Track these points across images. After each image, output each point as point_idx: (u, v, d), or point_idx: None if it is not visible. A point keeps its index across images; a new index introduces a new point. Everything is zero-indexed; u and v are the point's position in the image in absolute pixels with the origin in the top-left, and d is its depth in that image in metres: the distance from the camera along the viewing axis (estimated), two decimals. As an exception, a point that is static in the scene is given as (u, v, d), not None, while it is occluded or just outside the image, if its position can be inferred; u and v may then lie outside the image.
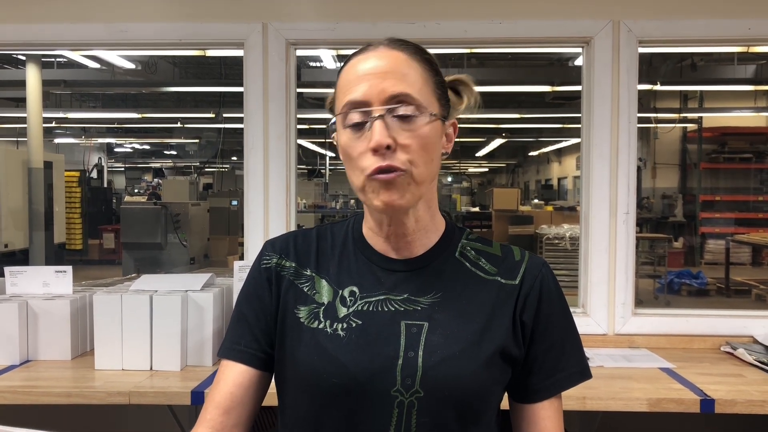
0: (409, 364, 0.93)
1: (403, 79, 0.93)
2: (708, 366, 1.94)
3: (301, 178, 14.26)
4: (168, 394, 1.65)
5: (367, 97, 0.93)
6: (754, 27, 2.16)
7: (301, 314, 1.01)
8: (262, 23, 2.24)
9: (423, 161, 0.95)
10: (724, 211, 10.48)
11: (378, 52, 0.96)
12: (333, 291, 1.02)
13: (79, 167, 11.23)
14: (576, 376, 1.04)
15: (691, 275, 7.59)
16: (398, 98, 0.92)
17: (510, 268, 1.04)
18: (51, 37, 2.28)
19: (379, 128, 0.91)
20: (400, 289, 1.00)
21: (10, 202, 6.29)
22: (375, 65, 0.94)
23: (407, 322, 0.97)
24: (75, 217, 8.42)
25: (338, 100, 0.98)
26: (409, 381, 0.93)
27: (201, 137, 14.06)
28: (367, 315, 0.98)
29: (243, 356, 1.02)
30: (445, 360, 0.94)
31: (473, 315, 0.98)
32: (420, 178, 0.95)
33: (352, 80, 0.95)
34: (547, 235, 7.38)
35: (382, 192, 0.93)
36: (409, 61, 0.96)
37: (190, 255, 6.76)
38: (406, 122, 0.93)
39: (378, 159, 0.92)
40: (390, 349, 0.95)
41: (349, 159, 0.96)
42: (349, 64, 0.98)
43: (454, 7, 2.21)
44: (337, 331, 0.97)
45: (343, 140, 0.96)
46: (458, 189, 17.20)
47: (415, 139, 0.93)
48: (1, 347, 1.86)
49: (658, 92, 9.64)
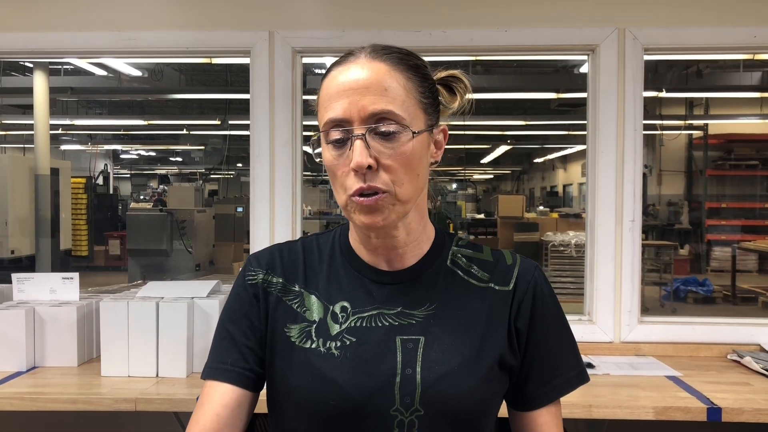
0: (407, 382, 0.91)
1: (384, 95, 0.89)
2: (715, 374, 1.93)
3: (307, 185, 14.27)
4: (174, 400, 1.66)
5: (346, 114, 0.89)
6: (759, 35, 2.16)
7: (291, 333, 0.97)
8: (268, 31, 2.25)
9: (407, 179, 0.91)
10: (730, 218, 10.44)
11: (359, 62, 0.92)
12: (323, 307, 0.98)
13: (86, 174, 11.27)
14: (574, 380, 1.02)
15: (697, 282, 7.57)
16: (379, 116, 0.89)
17: (503, 273, 1.01)
18: (59, 46, 2.30)
19: (359, 149, 0.88)
20: (393, 303, 0.96)
21: (17, 209, 6.31)
22: (355, 78, 0.90)
23: (402, 337, 0.94)
24: (81, 223, 8.45)
25: (319, 115, 0.94)
26: (408, 399, 0.90)
27: (207, 144, 14.09)
28: (361, 331, 0.94)
29: (230, 376, 0.97)
30: (444, 376, 0.91)
31: (469, 326, 0.96)
32: (404, 196, 0.91)
33: (333, 95, 0.91)
34: (553, 242, 7.36)
35: (364, 213, 0.90)
36: (391, 72, 0.91)
37: (196, 261, 6.78)
38: (388, 140, 0.89)
39: (359, 180, 0.89)
40: (387, 366, 0.92)
41: (332, 176, 0.93)
42: (330, 75, 0.94)
43: (460, 15, 2.21)
44: (330, 350, 0.93)
45: (326, 157, 0.93)
46: (463, 196, 17.17)
47: (398, 157, 0.90)
48: (8, 354, 1.87)
49: (664, 99, 9.64)
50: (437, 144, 0.99)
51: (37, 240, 6.37)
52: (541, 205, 14.88)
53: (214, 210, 7.88)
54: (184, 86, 9.27)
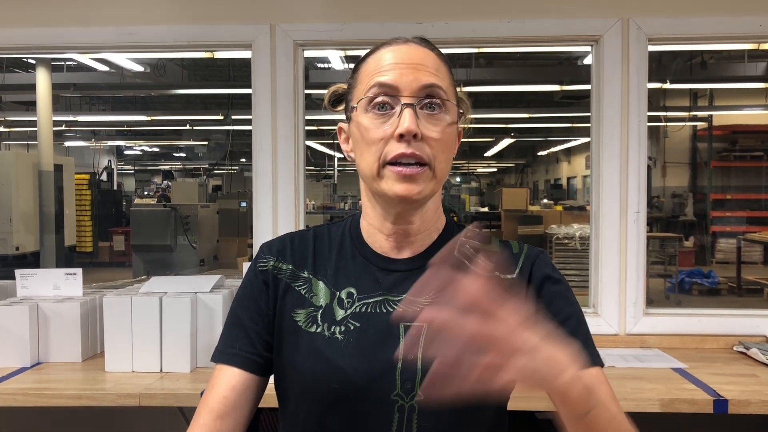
0: (408, 368, 0.91)
1: (437, 72, 0.94)
2: (721, 366, 1.92)
3: (310, 180, 14.27)
4: (178, 395, 1.66)
5: (398, 82, 0.92)
6: (765, 23, 2.14)
7: (298, 318, 0.99)
8: (269, 24, 2.24)
9: (444, 158, 0.95)
10: (735, 209, 10.41)
11: (410, 45, 0.96)
12: (330, 293, 1.00)
13: (89, 170, 11.27)
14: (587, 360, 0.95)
15: (702, 274, 7.55)
16: (430, 90, 0.93)
17: (508, 262, 1.03)
18: (61, 41, 2.29)
19: (409, 116, 0.91)
20: (399, 290, 0.98)
21: (21, 205, 6.31)
22: (408, 55, 0.94)
23: (406, 323, 0.94)
24: (85, 219, 8.44)
25: (362, 84, 0.96)
26: (409, 385, 0.91)
27: (210, 139, 14.10)
28: (365, 317, 0.96)
29: (237, 360, 0.99)
30: None
31: None
32: (440, 173, 0.95)
33: (383, 65, 0.94)
34: (557, 235, 7.35)
35: (401, 183, 0.92)
36: (438, 60, 0.96)
37: (200, 257, 6.78)
38: (434, 116, 0.93)
39: (403, 146, 0.91)
40: (389, 352, 0.92)
41: (365, 143, 0.94)
42: (377, 52, 0.97)
43: (463, 7, 2.20)
44: (335, 334, 0.95)
45: (364, 123, 0.94)
46: (467, 189, 17.14)
47: (441, 134, 0.93)
48: (12, 349, 1.87)
49: (668, 90, 9.57)
50: (458, 137, 1.03)
51: (42, 236, 6.38)
52: (545, 198, 14.85)
53: (218, 205, 7.86)
54: (186, 81, 9.25)
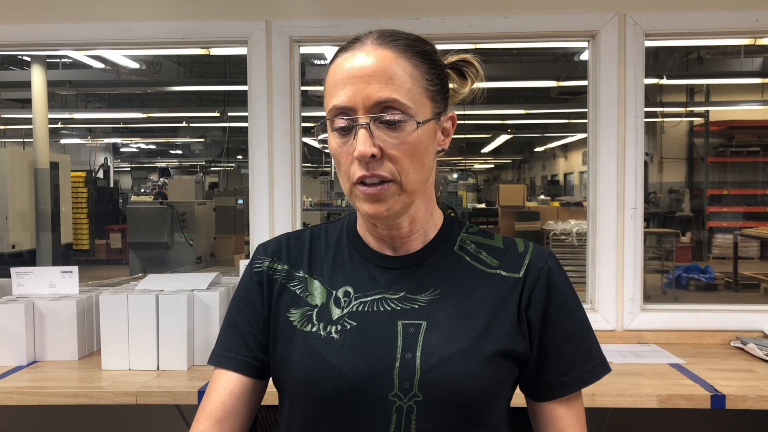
0: (406, 367, 0.89)
1: (390, 82, 0.88)
2: (718, 361, 1.92)
3: (307, 176, 14.25)
4: (175, 393, 1.65)
5: (351, 102, 0.88)
6: (761, 18, 2.14)
7: (293, 317, 0.97)
8: (265, 21, 2.23)
9: (413, 168, 0.90)
10: (732, 205, 10.43)
11: (365, 48, 0.90)
12: (326, 292, 0.98)
13: (86, 167, 11.27)
14: (599, 368, 1.00)
15: (699, 270, 7.57)
16: (384, 104, 0.88)
17: (513, 260, 0.99)
18: (55, 37, 2.28)
19: (362, 138, 0.87)
20: (397, 288, 0.96)
21: (17, 203, 6.30)
22: (361, 66, 0.89)
23: (404, 321, 0.93)
24: (82, 217, 8.43)
25: (326, 102, 0.94)
26: (408, 384, 0.89)
27: (206, 136, 14.07)
28: (362, 316, 0.94)
29: (234, 364, 0.99)
30: (444, 360, 0.89)
31: (474, 311, 0.94)
32: (410, 186, 0.91)
33: (338, 83, 0.90)
34: (554, 231, 7.35)
35: (368, 203, 0.90)
36: (397, 59, 0.90)
37: (197, 254, 6.76)
38: (393, 129, 0.89)
39: (362, 168, 0.89)
40: (386, 351, 0.91)
41: (337, 164, 0.93)
42: (336, 61, 0.93)
43: (459, 2, 2.19)
44: (331, 334, 0.93)
45: (332, 145, 0.93)
46: (464, 185, 17.15)
47: (403, 147, 0.89)
48: (8, 348, 1.86)
49: (665, 86, 9.60)
50: (445, 132, 0.98)
51: (38, 234, 6.37)
52: (542, 194, 14.87)
53: (215, 202, 7.85)
54: (182, 78, 9.24)
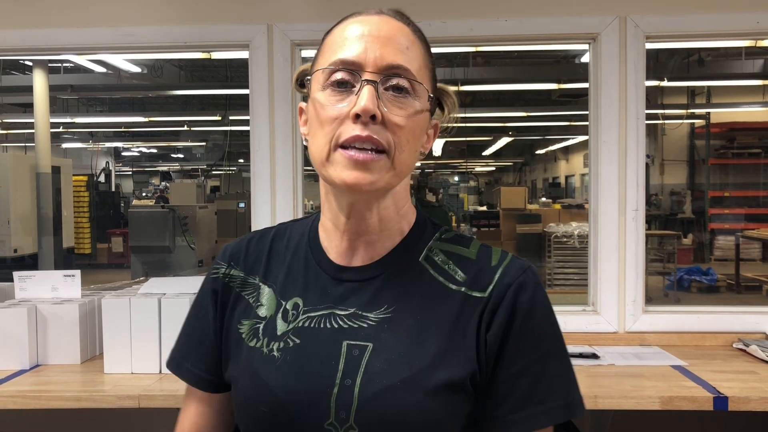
0: (344, 395, 0.80)
1: (405, 52, 0.82)
2: (720, 363, 1.92)
3: (308, 180, 14.25)
4: (177, 397, 1.65)
5: (361, 59, 0.81)
6: (762, 20, 2.14)
7: (243, 329, 0.90)
8: (266, 24, 2.23)
9: (408, 148, 0.83)
10: (734, 207, 10.43)
11: (382, 17, 0.85)
12: (276, 303, 0.90)
13: (87, 171, 11.27)
14: (558, 412, 0.83)
15: (701, 272, 7.57)
16: (396, 70, 0.81)
17: (482, 275, 0.87)
18: (57, 42, 2.29)
19: (368, 94, 0.79)
20: (348, 303, 0.86)
21: (19, 207, 6.32)
22: (376, 29, 0.83)
23: (350, 342, 0.83)
24: (83, 221, 8.46)
25: (323, 57, 0.85)
26: (344, 414, 0.79)
27: (208, 140, 14.10)
28: (307, 333, 0.85)
29: (191, 377, 0.95)
30: (384, 390, 0.79)
31: (427, 335, 0.83)
32: (400, 165, 0.82)
33: (347, 38, 0.83)
34: (556, 234, 7.36)
35: (350, 169, 0.80)
36: (412, 36, 0.85)
37: (198, 258, 6.78)
38: (400, 99, 0.82)
39: (359, 127, 0.79)
40: (326, 374, 0.82)
41: (318, 122, 0.82)
42: (343, 23, 0.86)
43: (460, 5, 2.20)
44: (272, 351, 0.85)
45: (320, 98, 0.83)
46: (465, 188, 17.18)
47: (407, 120, 0.81)
48: (10, 352, 1.86)
49: (666, 88, 9.61)
50: (428, 136, 0.91)
51: (40, 238, 6.38)
52: (543, 196, 14.87)
53: (216, 206, 7.88)
54: (184, 82, 9.25)
